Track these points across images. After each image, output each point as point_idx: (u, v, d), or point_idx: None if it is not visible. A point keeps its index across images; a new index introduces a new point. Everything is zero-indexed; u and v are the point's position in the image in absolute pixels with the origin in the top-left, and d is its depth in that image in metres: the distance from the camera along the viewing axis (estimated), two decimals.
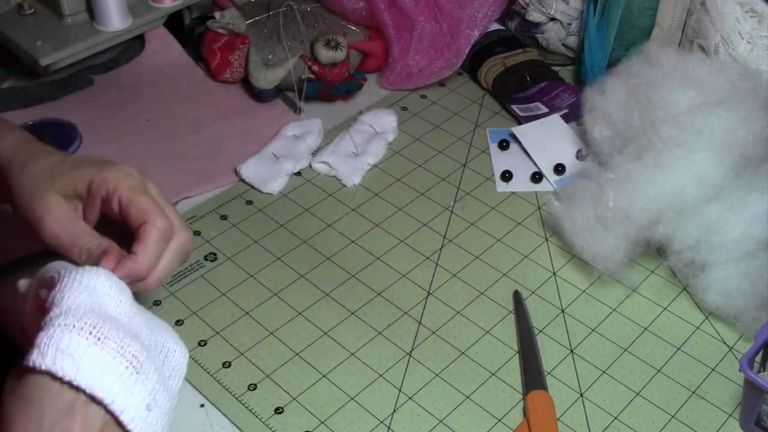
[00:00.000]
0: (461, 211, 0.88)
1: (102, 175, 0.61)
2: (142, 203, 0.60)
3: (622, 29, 0.97)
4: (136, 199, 0.60)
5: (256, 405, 0.69)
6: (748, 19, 0.89)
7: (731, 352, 0.75)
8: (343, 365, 0.73)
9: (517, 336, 0.76)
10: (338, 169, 0.91)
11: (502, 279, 0.81)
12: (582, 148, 0.92)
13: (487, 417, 0.69)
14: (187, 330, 0.75)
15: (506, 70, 1.02)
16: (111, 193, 0.61)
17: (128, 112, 0.99)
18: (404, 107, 1.02)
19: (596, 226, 0.78)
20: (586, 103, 0.88)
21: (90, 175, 0.61)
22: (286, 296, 0.79)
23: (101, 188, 0.61)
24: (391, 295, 0.79)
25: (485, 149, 0.96)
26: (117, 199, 0.60)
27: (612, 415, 0.69)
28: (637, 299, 0.79)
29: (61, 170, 0.62)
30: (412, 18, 1.01)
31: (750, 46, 0.89)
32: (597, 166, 0.84)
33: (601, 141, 0.86)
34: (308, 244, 0.84)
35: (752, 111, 0.77)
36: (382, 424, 0.68)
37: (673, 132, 0.77)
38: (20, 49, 0.96)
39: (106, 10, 0.96)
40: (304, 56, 0.98)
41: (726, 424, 0.69)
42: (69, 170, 0.62)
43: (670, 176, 0.76)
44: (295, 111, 0.99)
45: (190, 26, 1.07)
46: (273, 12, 1.01)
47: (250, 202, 0.89)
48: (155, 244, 0.60)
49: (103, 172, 0.61)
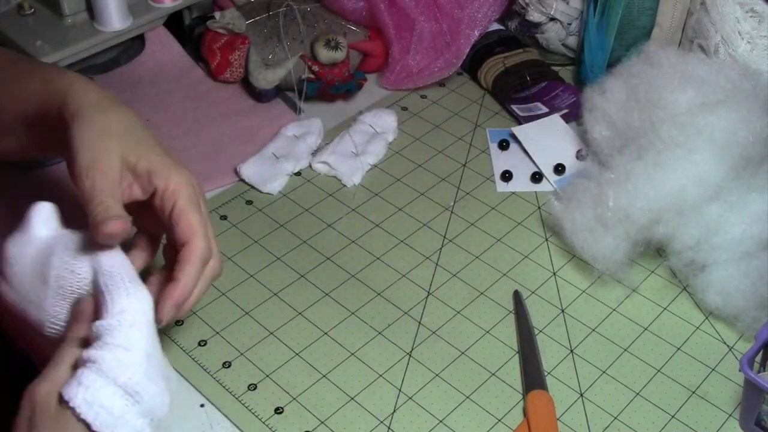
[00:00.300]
0: (461, 211, 0.88)
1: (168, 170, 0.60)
2: (194, 221, 0.60)
3: (622, 29, 0.97)
4: (190, 214, 0.60)
5: (256, 405, 0.69)
6: (748, 19, 0.89)
7: (731, 352, 0.75)
8: (343, 365, 0.73)
9: (517, 336, 0.76)
10: (338, 169, 0.91)
11: (502, 279, 0.81)
12: (582, 148, 0.92)
13: (487, 417, 0.69)
14: (187, 330, 0.75)
15: (506, 70, 1.02)
16: (169, 193, 0.60)
17: None
18: (404, 107, 1.02)
19: (596, 226, 0.78)
20: (586, 103, 0.88)
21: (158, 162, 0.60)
22: (286, 296, 0.79)
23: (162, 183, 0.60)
24: (391, 295, 0.79)
25: (485, 149, 0.96)
26: (172, 203, 0.60)
27: (612, 415, 0.69)
28: (637, 299, 0.79)
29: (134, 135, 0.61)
30: (412, 18, 1.01)
31: (750, 46, 0.89)
32: (597, 166, 0.84)
33: (601, 141, 0.86)
34: (308, 244, 0.84)
35: (752, 111, 0.77)
36: (382, 424, 0.68)
37: (673, 132, 0.77)
38: (20, 49, 0.95)
39: (106, 10, 0.96)
40: (304, 56, 0.98)
41: (726, 424, 0.69)
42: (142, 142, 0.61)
43: (670, 176, 0.76)
44: (295, 111, 0.99)
45: (190, 26, 1.07)
46: (273, 12, 1.01)
47: (250, 202, 0.89)
48: (198, 271, 0.60)
49: (170, 169, 0.60)
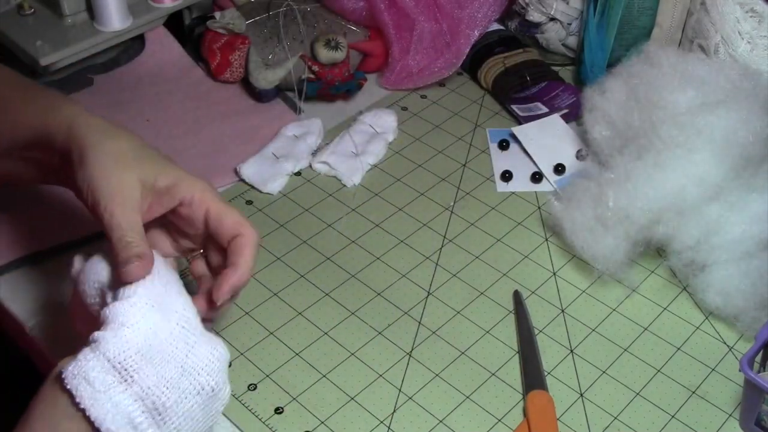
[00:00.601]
0: (461, 211, 0.88)
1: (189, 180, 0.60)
2: (237, 216, 0.61)
3: (622, 29, 0.97)
4: (230, 212, 0.61)
5: (256, 405, 0.69)
6: (748, 19, 0.89)
7: (731, 352, 0.75)
8: (343, 365, 0.73)
9: (517, 336, 0.76)
10: (338, 169, 0.91)
11: (502, 279, 0.81)
12: (582, 148, 0.92)
13: (487, 417, 0.69)
14: None
15: (506, 70, 1.02)
16: (197, 200, 0.60)
17: (128, 112, 0.99)
18: (404, 107, 1.02)
19: (596, 226, 0.78)
20: (586, 103, 0.88)
21: (176, 175, 0.60)
22: (286, 296, 0.79)
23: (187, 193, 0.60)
24: (391, 295, 0.79)
25: (485, 149, 0.96)
26: (205, 209, 0.60)
27: (612, 415, 0.69)
28: (637, 299, 0.79)
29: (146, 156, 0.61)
30: (412, 18, 1.01)
31: (750, 46, 0.89)
32: (597, 166, 0.84)
33: (601, 141, 0.86)
34: (308, 244, 0.84)
35: (752, 111, 0.77)
36: (382, 424, 0.68)
37: (673, 132, 0.77)
38: (20, 49, 0.96)
39: (106, 10, 0.96)
40: (304, 56, 0.98)
41: (726, 424, 0.69)
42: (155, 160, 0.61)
43: (670, 176, 0.76)
44: (295, 111, 0.99)
45: (190, 26, 1.07)
46: (273, 12, 1.01)
47: (250, 202, 0.89)
48: (253, 258, 0.61)
49: (191, 179, 0.61)
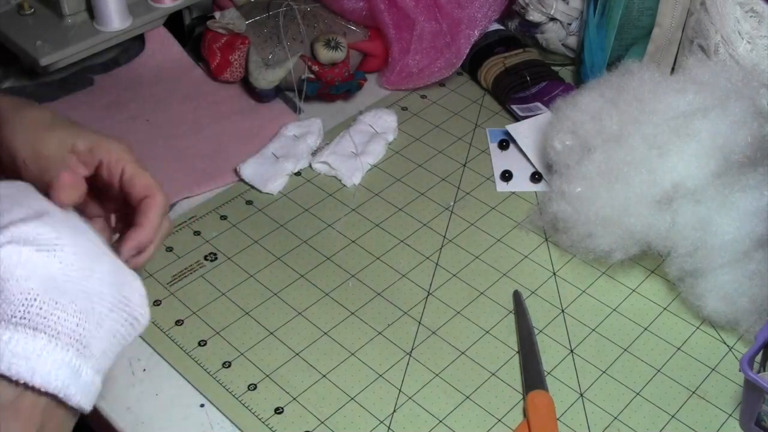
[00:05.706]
0: (461, 211, 0.88)
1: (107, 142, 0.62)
2: (147, 179, 0.62)
3: (622, 29, 0.97)
4: (141, 174, 0.62)
5: (256, 405, 0.69)
6: (748, 19, 0.89)
7: (731, 352, 0.75)
8: (343, 365, 0.73)
9: (517, 336, 0.76)
10: (338, 169, 0.91)
11: (502, 279, 0.81)
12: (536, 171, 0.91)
13: (487, 417, 0.69)
14: (187, 330, 0.75)
15: (506, 70, 1.02)
16: (114, 162, 0.62)
17: (128, 112, 0.99)
18: (404, 107, 1.02)
19: (596, 226, 0.78)
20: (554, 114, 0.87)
21: (95, 138, 0.62)
22: (286, 296, 0.79)
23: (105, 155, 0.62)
24: (391, 295, 0.79)
25: (485, 149, 0.96)
26: (120, 169, 0.62)
27: (612, 415, 0.69)
28: (637, 299, 0.79)
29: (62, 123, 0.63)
30: (412, 18, 1.01)
31: (750, 46, 0.89)
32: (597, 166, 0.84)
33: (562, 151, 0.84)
34: (308, 244, 0.84)
35: (748, 112, 0.77)
36: (382, 424, 0.68)
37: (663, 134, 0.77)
38: (20, 49, 0.96)
39: (106, 10, 0.96)
40: (304, 56, 0.98)
41: (726, 424, 0.69)
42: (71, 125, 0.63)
43: (664, 177, 0.76)
44: (295, 111, 0.99)
45: (190, 26, 1.07)
46: (273, 12, 1.01)
47: (250, 202, 0.89)
48: (158, 218, 0.62)
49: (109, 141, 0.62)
